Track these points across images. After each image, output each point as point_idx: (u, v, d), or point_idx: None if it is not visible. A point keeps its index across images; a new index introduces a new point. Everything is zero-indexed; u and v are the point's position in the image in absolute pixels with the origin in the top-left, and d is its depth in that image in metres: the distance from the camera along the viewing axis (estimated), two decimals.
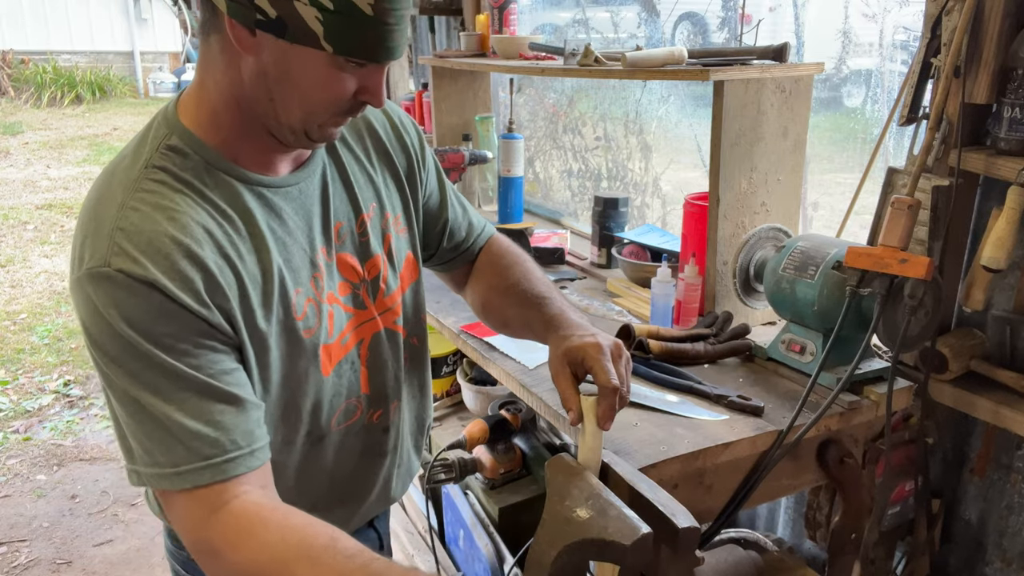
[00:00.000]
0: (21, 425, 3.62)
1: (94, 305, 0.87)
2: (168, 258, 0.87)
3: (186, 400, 0.88)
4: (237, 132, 0.96)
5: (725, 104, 1.64)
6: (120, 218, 0.88)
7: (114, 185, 0.92)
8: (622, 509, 0.96)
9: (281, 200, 1.01)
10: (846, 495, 1.49)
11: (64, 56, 11.35)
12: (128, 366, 0.87)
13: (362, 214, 1.12)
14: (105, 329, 0.86)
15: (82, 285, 0.87)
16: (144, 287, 0.86)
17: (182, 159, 0.94)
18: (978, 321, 1.51)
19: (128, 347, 0.86)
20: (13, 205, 6.85)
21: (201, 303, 0.89)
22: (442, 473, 1.77)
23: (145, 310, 0.86)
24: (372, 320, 1.14)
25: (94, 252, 0.87)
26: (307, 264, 1.04)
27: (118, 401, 0.90)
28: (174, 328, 0.88)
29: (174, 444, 0.88)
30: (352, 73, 0.91)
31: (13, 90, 10.82)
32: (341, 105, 0.94)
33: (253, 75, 0.90)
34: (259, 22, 0.85)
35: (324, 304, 1.06)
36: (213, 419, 0.89)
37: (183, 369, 0.88)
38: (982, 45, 1.34)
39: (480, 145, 2.94)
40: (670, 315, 1.80)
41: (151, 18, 11.89)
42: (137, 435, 0.89)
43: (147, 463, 0.89)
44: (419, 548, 2.15)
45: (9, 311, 4.83)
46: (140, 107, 11.06)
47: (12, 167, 8.06)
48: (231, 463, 0.89)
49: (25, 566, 2.72)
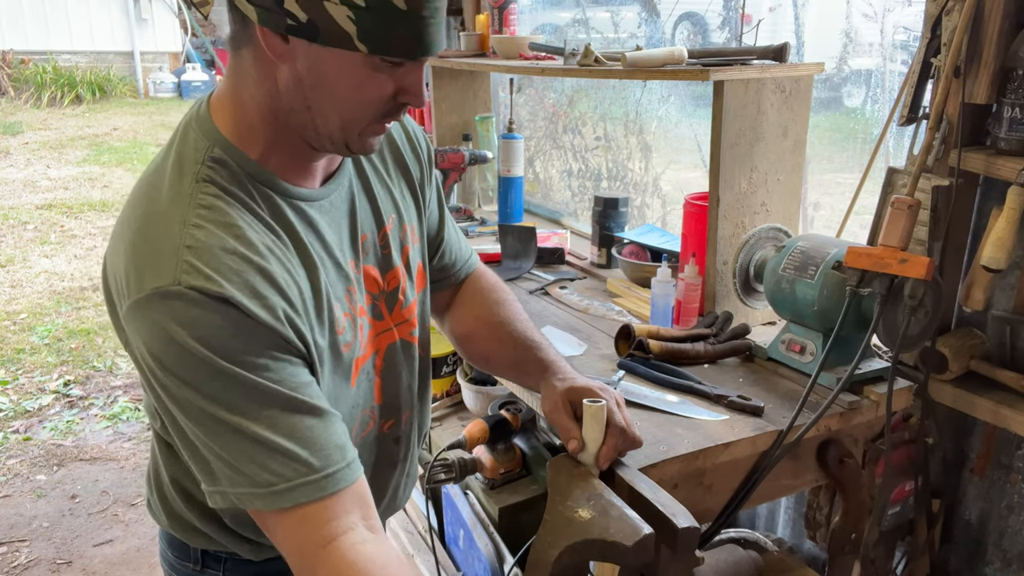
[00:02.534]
0: (21, 425, 3.62)
1: (162, 327, 0.83)
2: (240, 274, 0.85)
3: (273, 417, 0.86)
4: (274, 144, 0.94)
5: (725, 104, 1.64)
6: (185, 236, 0.85)
7: (164, 201, 0.89)
8: (624, 509, 0.96)
9: (317, 213, 0.99)
10: (846, 495, 1.49)
11: (64, 56, 11.34)
12: (206, 387, 0.84)
13: (384, 226, 1.11)
14: (177, 351, 0.83)
15: (146, 307, 0.84)
16: (220, 304, 0.83)
17: (228, 172, 0.91)
18: (978, 321, 1.51)
19: (205, 367, 0.83)
20: (13, 205, 6.85)
21: (275, 318, 0.88)
22: (442, 473, 1.77)
23: (222, 327, 0.84)
24: (389, 331, 1.13)
25: (159, 272, 0.84)
26: (342, 278, 1.02)
27: (195, 423, 0.86)
28: (252, 344, 0.86)
29: (267, 462, 0.85)
30: (389, 74, 0.88)
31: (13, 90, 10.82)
32: (379, 108, 0.91)
33: (289, 84, 0.88)
34: (290, 27, 0.83)
35: (358, 317, 1.05)
36: (304, 435, 0.87)
37: (266, 384, 0.86)
38: (982, 45, 1.34)
39: (480, 145, 2.94)
40: (670, 315, 1.80)
41: (151, 18, 11.88)
42: (222, 456, 0.86)
43: (238, 483, 0.86)
44: (419, 548, 2.15)
45: (9, 311, 4.83)
46: (140, 107, 11.06)
47: (12, 167, 8.05)
48: (329, 479, 0.88)
49: (25, 566, 2.72)
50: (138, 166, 8.14)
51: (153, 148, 8.87)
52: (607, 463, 1.09)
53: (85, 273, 5.46)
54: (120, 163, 8.29)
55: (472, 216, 2.86)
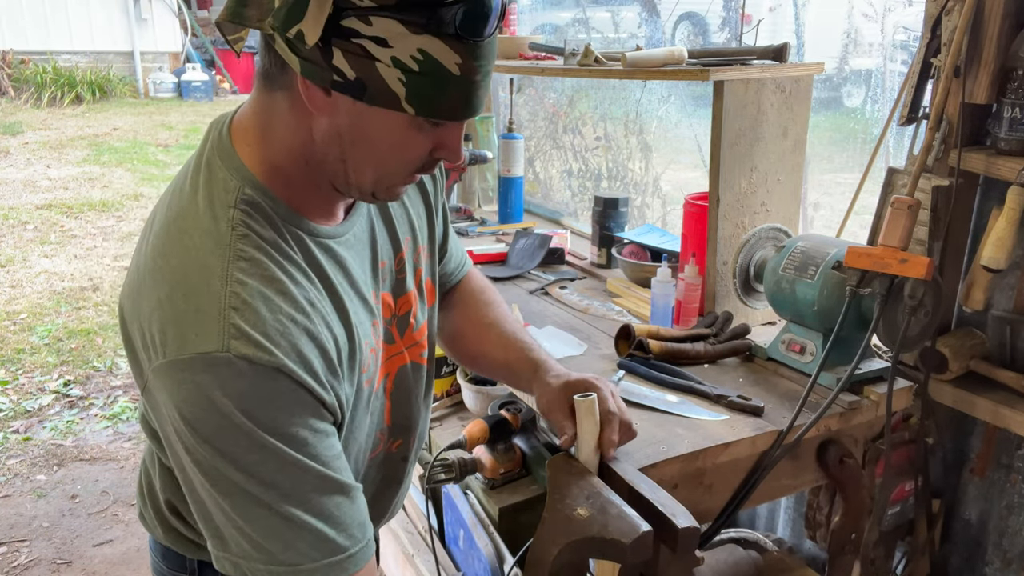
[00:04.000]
0: (21, 425, 3.62)
1: (205, 394, 0.79)
2: (287, 337, 0.82)
3: (306, 495, 0.83)
4: (302, 185, 0.91)
5: (725, 104, 1.64)
6: (230, 296, 0.81)
7: (201, 251, 0.84)
8: (622, 507, 0.96)
9: (343, 250, 0.96)
10: (846, 495, 1.49)
11: (64, 56, 11.33)
12: (242, 460, 0.80)
13: (400, 251, 1.09)
14: (218, 420, 0.79)
15: (187, 370, 0.79)
16: (271, 373, 0.80)
17: (261, 216, 0.87)
18: (978, 321, 1.51)
19: (245, 440, 0.80)
20: (13, 205, 6.85)
21: (321, 384, 0.85)
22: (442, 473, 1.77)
23: (270, 399, 0.80)
24: (399, 354, 1.11)
25: (204, 336, 0.79)
26: (368, 313, 1.00)
27: (221, 494, 0.82)
28: (296, 416, 0.83)
29: (294, 541, 0.83)
30: (429, 132, 0.87)
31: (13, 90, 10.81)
32: (416, 164, 0.90)
33: (326, 136, 0.86)
34: (336, 83, 0.80)
35: (379, 348, 1.04)
36: (332, 514, 0.85)
37: (303, 461, 0.83)
38: (982, 45, 1.35)
39: (480, 145, 2.94)
40: (670, 315, 1.80)
41: (151, 18, 11.87)
42: (243, 529, 0.83)
43: (254, 558, 0.84)
44: (419, 548, 2.15)
45: (9, 311, 4.83)
46: (140, 107, 11.06)
47: (12, 167, 8.05)
48: (351, 559, 0.86)
49: (25, 566, 2.72)
50: (138, 166, 8.14)
51: (153, 148, 8.87)
52: (611, 452, 1.08)
53: (85, 273, 5.46)
54: (120, 163, 8.28)
55: (472, 216, 2.86)
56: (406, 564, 2.15)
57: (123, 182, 7.65)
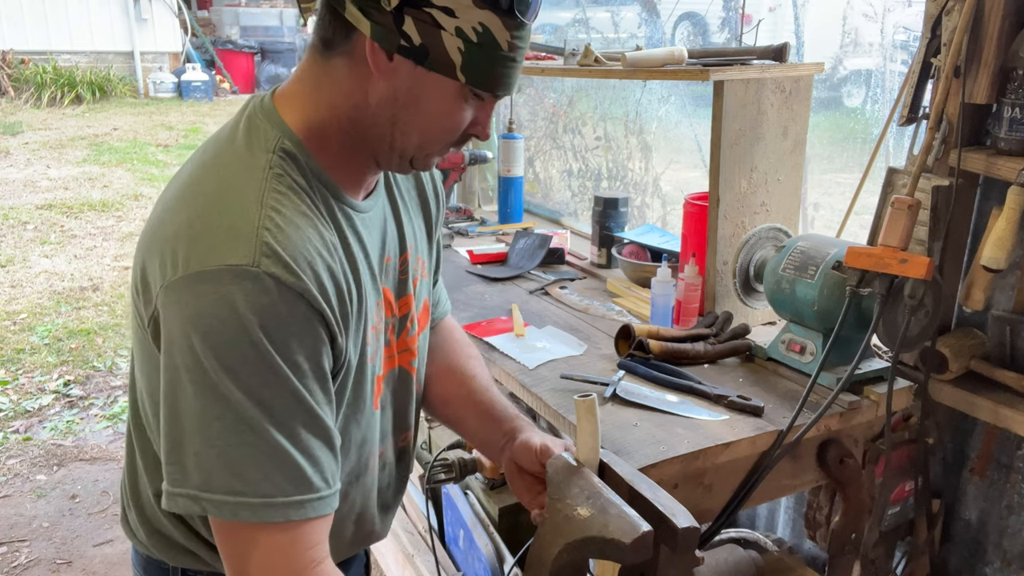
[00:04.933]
0: (21, 425, 3.62)
1: (229, 305, 0.80)
2: (314, 268, 0.85)
3: (295, 429, 0.84)
4: (340, 153, 0.95)
5: (725, 104, 1.64)
6: (265, 217, 0.83)
7: (235, 176, 0.88)
8: (622, 507, 0.96)
9: (360, 224, 0.99)
10: (846, 495, 1.49)
11: (64, 56, 11.33)
12: (246, 379, 0.81)
13: (405, 252, 1.11)
14: (231, 331, 0.80)
15: (212, 281, 0.80)
16: (294, 296, 0.82)
17: (296, 167, 0.91)
18: (978, 321, 1.51)
19: (254, 356, 0.81)
20: (13, 205, 6.85)
21: (336, 320, 0.88)
22: (442, 473, 1.77)
23: (288, 322, 0.82)
24: (391, 358, 1.11)
25: (235, 248, 0.81)
26: (375, 290, 1.02)
27: (213, 414, 0.82)
28: (307, 346, 0.84)
29: (272, 472, 0.83)
30: (471, 105, 0.93)
31: (13, 90, 10.80)
32: (455, 134, 0.95)
33: (382, 99, 0.90)
34: (402, 47, 0.86)
35: (381, 334, 1.04)
36: (314, 455, 0.86)
37: (301, 392, 0.84)
38: (982, 45, 1.35)
39: (480, 145, 2.94)
40: (670, 315, 1.80)
41: (151, 18, 11.87)
42: (225, 454, 0.82)
43: (224, 490, 0.82)
44: (419, 548, 2.15)
45: (9, 311, 4.82)
46: (140, 107, 11.06)
47: (12, 167, 8.05)
48: (322, 502, 0.87)
49: (25, 566, 2.72)
50: (138, 166, 8.14)
51: (153, 148, 8.87)
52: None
53: (85, 273, 5.46)
54: (120, 163, 8.28)
55: (472, 216, 2.86)
56: (406, 564, 2.15)
57: (123, 182, 7.65)
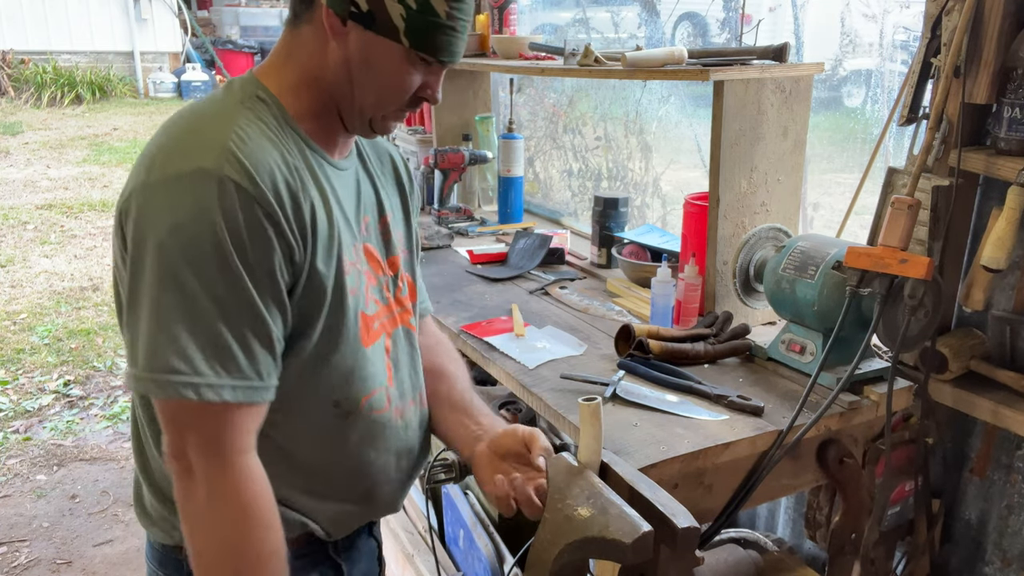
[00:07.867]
0: (21, 425, 3.62)
1: (196, 202, 0.90)
2: (273, 180, 0.95)
3: (240, 325, 0.93)
4: (311, 108, 1.05)
5: (725, 104, 1.64)
6: (234, 136, 0.94)
7: (211, 114, 0.99)
8: (623, 508, 0.96)
9: (333, 175, 1.08)
10: (846, 495, 1.49)
11: (64, 56, 11.32)
12: (206, 272, 0.90)
13: (385, 216, 1.19)
14: (200, 229, 0.89)
15: (186, 181, 0.91)
16: (252, 204, 0.92)
17: (269, 111, 1.02)
18: (978, 321, 1.51)
19: (215, 254, 0.90)
20: (13, 205, 6.85)
21: (291, 231, 0.96)
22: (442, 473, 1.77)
23: (247, 227, 0.91)
24: (392, 316, 1.18)
25: (204, 155, 0.92)
26: (350, 233, 1.09)
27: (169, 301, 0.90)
28: (259, 249, 0.93)
29: (218, 355, 0.91)
30: (419, 70, 1.04)
31: (13, 90, 10.80)
32: (406, 97, 1.06)
33: (338, 59, 1.02)
34: (352, 14, 0.98)
35: (362, 274, 1.11)
36: (252, 348, 0.94)
37: (252, 295, 0.93)
38: (982, 45, 1.35)
39: (480, 145, 2.94)
40: (670, 315, 1.80)
41: (151, 18, 11.86)
42: (174, 338, 0.90)
43: (167, 370, 0.89)
44: (419, 548, 2.15)
45: (9, 311, 4.83)
46: (140, 107, 11.05)
47: (12, 167, 8.05)
48: (258, 391, 0.96)
49: (25, 566, 2.72)
50: None
51: None
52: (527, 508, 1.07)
53: (85, 273, 5.46)
54: (120, 163, 8.28)
55: (472, 216, 2.86)
56: (406, 564, 2.15)
57: (123, 182, 7.63)
